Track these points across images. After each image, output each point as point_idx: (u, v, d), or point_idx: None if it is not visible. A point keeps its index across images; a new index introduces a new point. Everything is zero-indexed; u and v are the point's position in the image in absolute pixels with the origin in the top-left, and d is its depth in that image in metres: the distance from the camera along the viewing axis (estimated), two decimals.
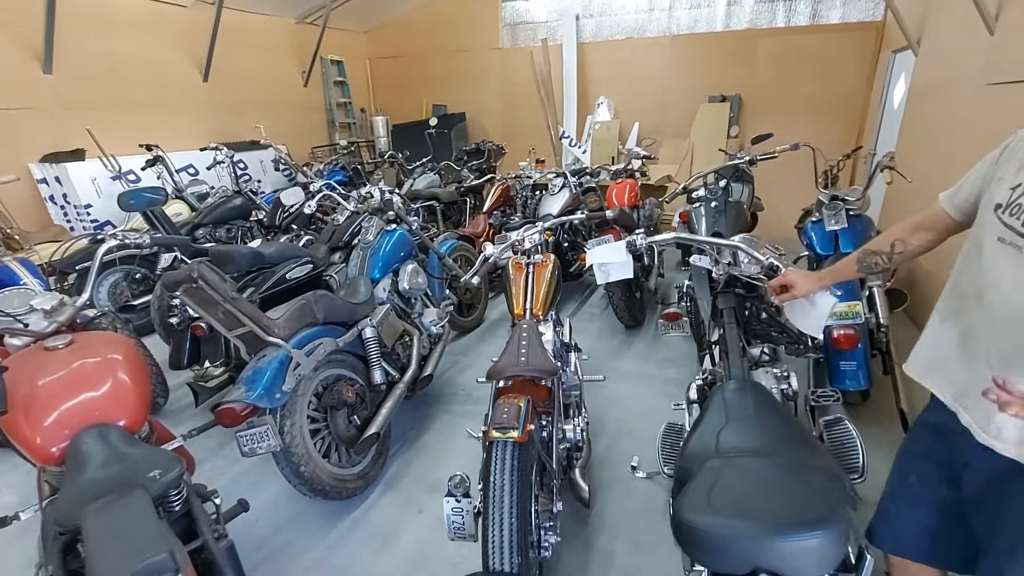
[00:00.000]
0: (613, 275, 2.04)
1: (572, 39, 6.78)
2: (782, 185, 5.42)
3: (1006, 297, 1.05)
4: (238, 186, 4.75)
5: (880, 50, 5.65)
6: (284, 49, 6.89)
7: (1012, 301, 1.04)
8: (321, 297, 2.20)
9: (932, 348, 1.26)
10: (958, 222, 1.26)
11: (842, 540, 0.95)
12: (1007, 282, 1.06)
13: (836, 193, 3.25)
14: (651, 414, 2.75)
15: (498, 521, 1.39)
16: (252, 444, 1.88)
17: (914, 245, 1.35)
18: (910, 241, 1.35)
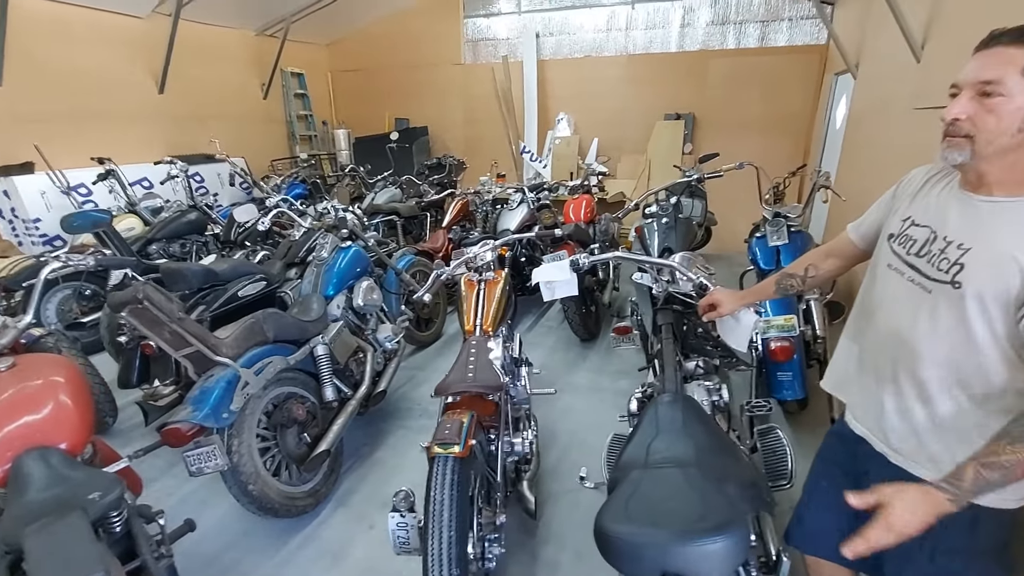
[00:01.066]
0: (558, 292, 2.11)
1: (532, 56, 6.95)
2: (735, 200, 5.66)
3: (888, 318, 1.17)
4: (193, 200, 4.67)
5: (824, 72, 5.99)
6: (243, 61, 6.82)
7: (893, 322, 1.15)
8: (271, 315, 2.21)
9: (839, 364, 1.38)
10: (862, 250, 1.38)
11: (743, 544, 1.03)
12: (889, 304, 1.17)
13: (778, 210, 3.44)
14: (602, 425, 2.83)
15: (437, 535, 1.44)
16: (199, 464, 1.88)
17: (824, 270, 1.48)
18: (821, 266, 1.48)
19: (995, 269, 0.97)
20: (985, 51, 0.96)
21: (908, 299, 1.11)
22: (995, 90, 0.93)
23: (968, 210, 1.04)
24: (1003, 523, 1.08)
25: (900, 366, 1.13)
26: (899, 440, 1.16)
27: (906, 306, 1.12)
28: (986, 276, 0.98)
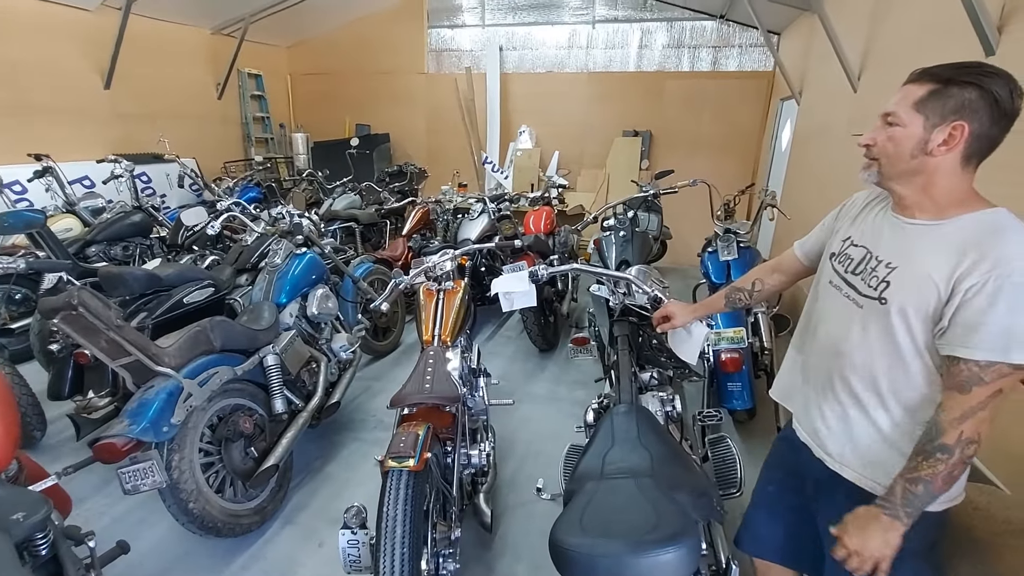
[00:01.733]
0: (517, 303, 2.12)
1: (496, 69, 7.02)
2: (690, 216, 5.86)
3: (828, 332, 1.25)
4: (138, 201, 4.44)
5: (771, 97, 6.32)
6: (198, 59, 6.57)
7: (831, 335, 1.23)
8: (219, 323, 2.12)
9: (786, 374, 1.44)
10: (806, 267, 1.46)
11: (694, 553, 1.05)
12: (829, 318, 1.25)
13: (728, 226, 3.59)
14: (559, 436, 2.85)
15: (390, 552, 1.40)
16: (135, 481, 1.77)
17: (770, 284, 1.56)
18: (767, 281, 1.56)
19: (915, 286, 1.04)
20: (902, 86, 1.08)
21: (844, 313, 1.19)
22: (894, 120, 1.05)
23: (896, 232, 1.12)
24: (931, 524, 1.14)
25: (836, 376, 1.20)
26: (836, 447, 1.22)
27: (842, 320, 1.19)
28: (908, 293, 1.05)
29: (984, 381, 0.96)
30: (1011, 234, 0.97)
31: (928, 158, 1.03)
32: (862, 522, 1.06)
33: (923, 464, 1.01)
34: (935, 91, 1.01)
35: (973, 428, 0.98)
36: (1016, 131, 1.03)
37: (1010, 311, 0.93)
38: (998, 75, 0.99)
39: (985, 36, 2.13)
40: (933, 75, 1.02)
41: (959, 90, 0.99)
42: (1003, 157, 1.11)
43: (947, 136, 1.00)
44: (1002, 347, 0.94)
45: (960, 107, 0.99)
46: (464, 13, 7.16)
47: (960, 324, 0.98)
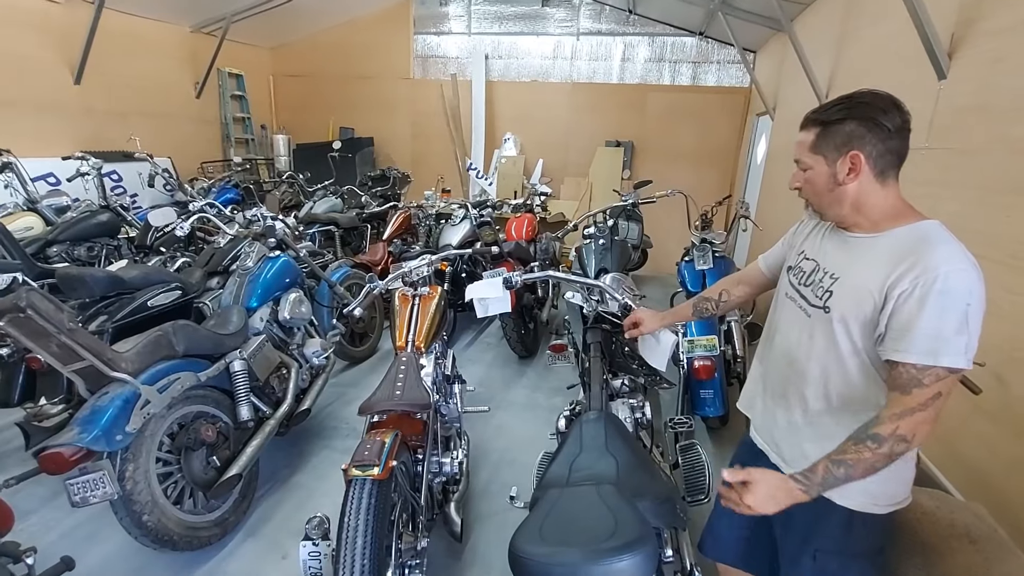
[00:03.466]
0: (492, 309, 2.10)
1: (481, 77, 7.03)
2: (671, 225, 5.93)
3: (783, 341, 1.29)
4: (106, 200, 4.31)
5: (747, 113, 6.45)
6: (175, 57, 6.45)
7: (787, 345, 1.28)
8: (182, 327, 2.05)
9: (750, 383, 1.49)
10: (768, 279, 1.52)
11: (651, 561, 1.04)
12: (784, 328, 1.30)
13: (705, 236, 3.63)
14: (535, 443, 2.82)
15: (350, 563, 1.36)
16: (84, 492, 1.69)
17: (736, 295, 1.60)
18: (733, 292, 1.60)
19: (854, 296, 1.11)
20: (797, 135, 1.18)
21: (796, 323, 1.25)
22: (803, 167, 1.17)
23: (840, 245, 1.19)
24: (876, 528, 1.17)
25: (789, 384, 1.26)
26: (789, 451, 1.27)
27: (794, 329, 1.25)
28: (847, 302, 1.12)
29: (923, 383, 1.00)
30: (938, 244, 1.02)
31: (844, 187, 1.11)
32: (772, 489, 1.05)
33: (851, 448, 1.04)
34: (820, 133, 1.11)
35: (909, 427, 1.00)
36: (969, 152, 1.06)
37: (936, 317, 0.98)
38: (864, 103, 1.08)
39: (937, 62, 2.24)
40: (813, 120, 1.14)
41: (838, 126, 1.09)
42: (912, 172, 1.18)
43: (849, 166, 1.09)
44: (932, 351, 0.98)
45: (847, 139, 1.08)
46: (450, 21, 7.18)
47: (894, 328, 1.04)
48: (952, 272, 0.98)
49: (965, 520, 1.34)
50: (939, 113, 2.29)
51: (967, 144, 2.11)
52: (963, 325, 0.97)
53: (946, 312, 0.97)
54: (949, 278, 0.97)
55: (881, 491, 1.15)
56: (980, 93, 2.05)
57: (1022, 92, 1.83)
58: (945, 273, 0.97)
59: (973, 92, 2.10)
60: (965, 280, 0.98)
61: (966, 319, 0.97)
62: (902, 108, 1.08)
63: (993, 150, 1.95)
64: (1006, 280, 1.75)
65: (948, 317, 0.97)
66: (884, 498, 1.16)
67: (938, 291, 0.98)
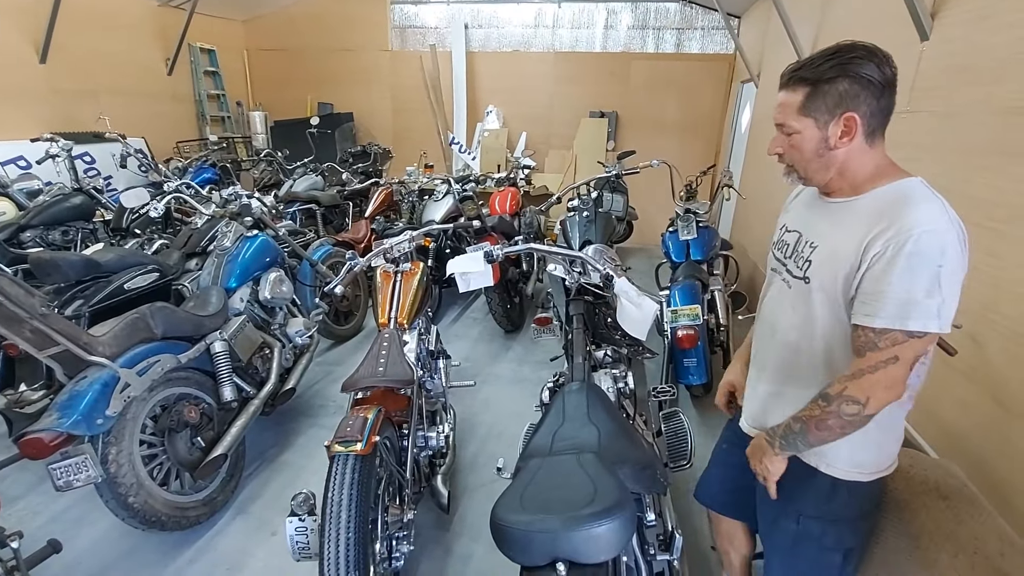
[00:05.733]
0: (473, 283, 2.09)
1: (461, 47, 6.85)
2: (657, 196, 5.89)
3: (768, 314, 1.29)
4: (78, 183, 4.19)
5: (732, 80, 6.36)
6: (144, 32, 6.19)
7: (771, 318, 1.27)
8: (159, 310, 2.02)
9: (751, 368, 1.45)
10: None
11: (629, 525, 1.06)
12: (770, 303, 1.29)
13: (688, 206, 3.62)
14: (522, 415, 2.84)
15: (335, 537, 1.38)
16: (67, 476, 1.69)
17: None
18: None
19: (831, 262, 1.07)
20: (779, 94, 1.10)
21: (779, 296, 1.23)
22: (788, 130, 1.09)
23: (821, 212, 1.16)
24: (859, 495, 1.18)
25: (774, 356, 1.25)
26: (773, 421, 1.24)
27: (778, 303, 1.24)
28: (826, 269, 1.08)
29: (877, 346, 0.99)
30: (915, 202, 0.98)
31: (834, 152, 1.05)
32: (753, 448, 1.23)
33: (807, 407, 1.08)
34: (810, 93, 1.03)
35: (859, 389, 1.00)
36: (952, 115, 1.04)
37: (905, 279, 0.94)
38: (856, 57, 1.00)
39: (920, 22, 2.21)
40: (801, 79, 1.04)
41: (830, 85, 1.01)
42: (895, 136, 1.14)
43: (842, 128, 1.03)
44: (899, 315, 0.96)
45: (841, 99, 1.01)
46: None
47: (864, 292, 1.01)
48: (925, 233, 0.93)
49: (937, 477, 1.37)
50: (921, 75, 2.25)
51: (949, 106, 2.08)
52: (934, 287, 0.93)
53: (915, 274, 0.94)
54: (920, 239, 0.93)
55: (865, 459, 1.15)
56: (963, 54, 2.02)
57: (1006, 51, 1.79)
58: (918, 234, 0.93)
59: (956, 53, 2.07)
60: (937, 241, 0.93)
61: (938, 281, 0.93)
62: (891, 61, 1.02)
63: (975, 112, 1.92)
64: (983, 242, 1.75)
65: (917, 280, 0.94)
66: (869, 466, 1.16)
67: (908, 252, 0.94)
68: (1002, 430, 1.65)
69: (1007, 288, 1.66)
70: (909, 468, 1.42)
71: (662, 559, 1.47)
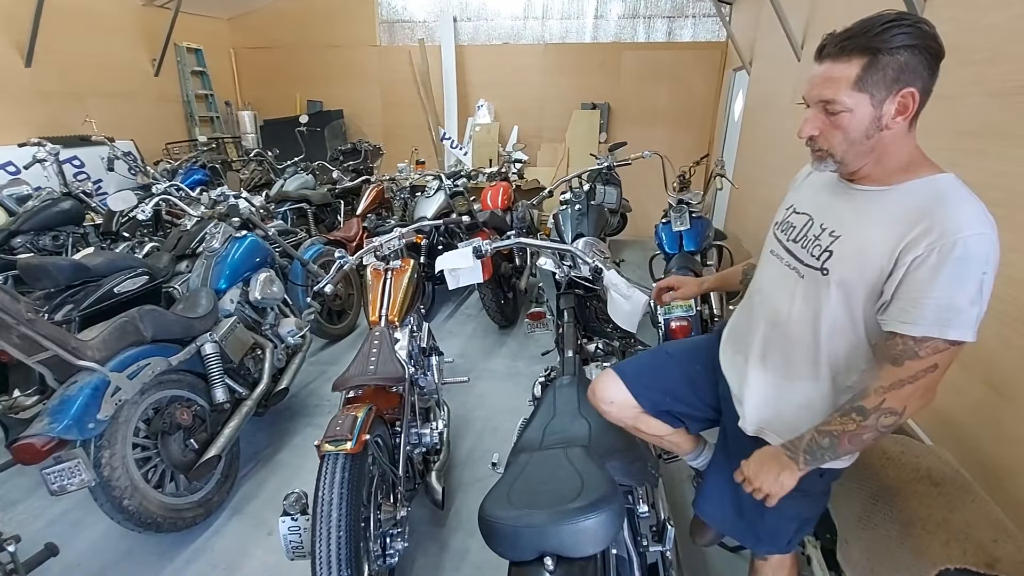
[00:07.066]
0: (463, 280, 2.09)
1: (450, 41, 6.81)
2: (649, 187, 5.88)
3: (764, 301, 1.21)
4: (68, 187, 4.17)
5: (724, 68, 6.34)
6: (129, 33, 6.14)
7: (769, 305, 1.19)
8: (148, 312, 2.02)
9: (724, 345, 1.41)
10: None
11: (615, 519, 1.06)
12: (768, 289, 1.21)
13: (681, 197, 3.61)
14: (517, 410, 2.82)
15: (326, 536, 1.38)
16: (61, 481, 1.69)
17: None
18: None
19: (858, 258, 0.99)
20: (820, 65, 0.99)
21: (783, 283, 1.14)
22: (835, 108, 0.96)
23: (842, 198, 1.07)
24: (830, 476, 1.19)
25: (771, 346, 1.18)
26: (757, 413, 1.22)
27: (781, 290, 1.14)
28: (851, 264, 1.00)
29: (918, 355, 0.94)
30: (956, 203, 0.92)
31: (884, 132, 0.96)
32: (764, 456, 1.10)
33: (836, 419, 1.01)
34: (868, 64, 0.92)
35: (899, 400, 0.96)
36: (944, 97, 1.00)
37: (950, 286, 0.90)
38: (920, 28, 0.92)
39: (912, 4, 2.19)
40: (860, 47, 0.92)
41: (891, 57, 0.91)
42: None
43: (898, 106, 0.94)
44: (940, 322, 0.91)
45: (901, 72, 0.92)
46: None
47: (903, 297, 0.94)
48: (972, 237, 0.88)
49: (929, 464, 1.38)
50: None
51: (941, 89, 2.06)
52: (978, 295, 0.90)
53: (962, 281, 0.89)
54: (968, 243, 0.88)
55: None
56: (955, 35, 1.98)
57: (998, 31, 1.77)
58: (965, 238, 0.88)
59: (948, 34, 2.04)
60: (985, 246, 0.89)
61: (980, 288, 0.90)
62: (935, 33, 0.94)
63: (968, 94, 1.90)
64: None
65: (964, 286, 0.89)
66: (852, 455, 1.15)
67: (957, 258, 0.88)
68: (995, 414, 1.66)
69: (1001, 271, 1.63)
70: (901, 455, 1.42)
71: (655, 550, 1.48)
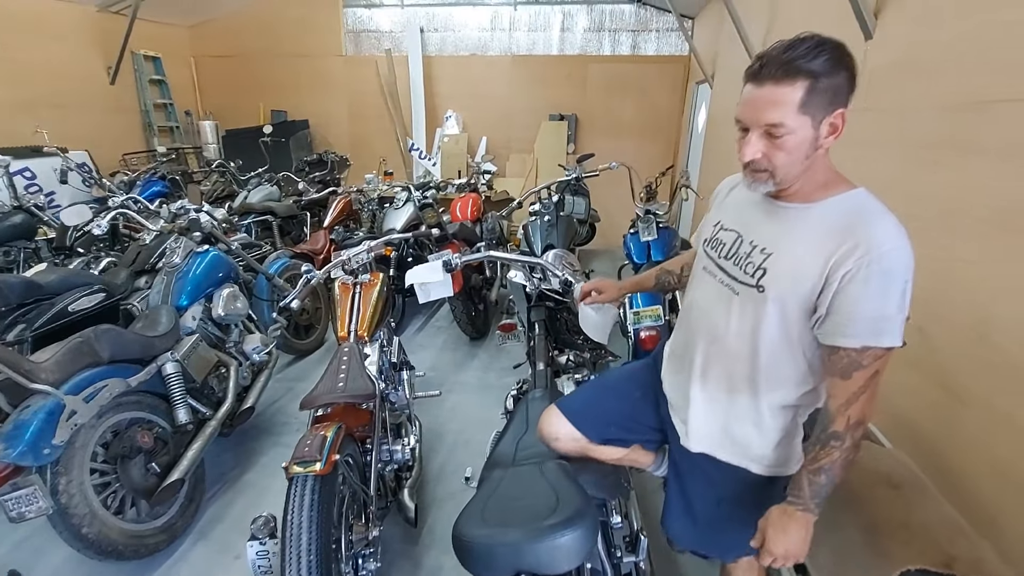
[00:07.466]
0: (434, 294, 2.09)
1: (417, 51, 6.82)
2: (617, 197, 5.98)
3: (701, 317, 1.23)
4: (18, 200, 3.98)
5: (687, 81, 6.54)
6: (82, 40, 5.92)
7: (706, 323, 1.21)
8: (105, 332, 1.94)
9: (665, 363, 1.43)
10: None
11: (590, 534, 1.06)
12: (703, 305, 1.23)
13: (648, 208, 3.70)
14: (489, 423, 2.82)
15: (295, 561, 1.35)
16: (19, 508, 1.63)
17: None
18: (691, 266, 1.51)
19: (792, 275, 1.03)
20: (759, 88, 0.99)
21: (718, 300, 1.17)
22: (781, 132, 0.97)
23: (770, 216, 1.10)
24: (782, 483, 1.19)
25: (711, 363, 1.20)
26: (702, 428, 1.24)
27: (717, 307, 1.17)
28: (785, 281, 1.04)
29: (862, 365, 0.99)
30: (875, 219, 0.98)
31: (818, 152, 1.01)
32: (782, 524, 1.05)
33: (821, 453, 1.03)
34: (810, 87, 0.94)
35: (858, 411, 1.01)
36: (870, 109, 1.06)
37: (880, 297, 0.95)
38: (846, 51, 0.96)
39: (864, 21, 2.29)
40: (799, 70, 0.94)
41: (829, 80, 0.94)
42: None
43: (830, 127, 0.98)
44: (875, 332, 0.96)
45: (836, 94, 0.96)
46: None
47: (838, 312, 0.99)
48: (893, 250, 0.95)
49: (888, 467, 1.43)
50: (866, 73, 2.28)
51: (895, 104, 2.12)
52: (902, 302, 0.96)
53: (889, 292, 0.95)
54: (891, 257, 0.94)
55: (792, 454, 1.17)
56: (906, 51, 2.07)
57: (947, 47, 1.83)
58: (887, 251, 0.94)
59: (899, 50, 2.12)
60: (904, 257, 0.96)
61: (904, 296, 0.96)
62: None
63: (920, 108, 1.95)
64: (931, 237, 1.78)
65: (891, 296, 0.95)
66: (795, 460, 1.18)
67: (882, 271, 0.94)
68: (949, 418, 1.71)
69: (954, 281, 1.72)
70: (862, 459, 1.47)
71: (628, 561, 1.48)
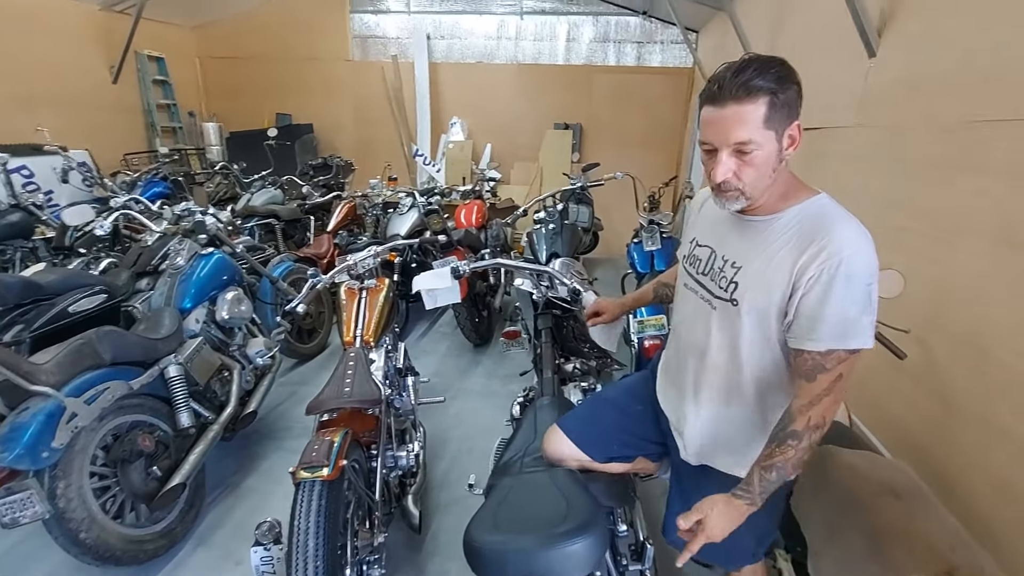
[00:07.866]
0: (441, 300, 2.08)
1: (424, 58, 6.85)
2: (621, 207, 6.00)
3: (687, 333, 1.27)
4: (16, 198, 3.96)
5: (692, 93, 6.58)
6: (85, 39, 5.92)
7: (692, 337, 1.24)
8: (107, 334, 1.92)
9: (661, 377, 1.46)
10: None
11: (601, 542, 1.07)
12: (687, 321, 1.27)
13: (652, 217, 3.70)
14: (493, 430, 2.81)
15: (302, 567, 1.33)
16: (12, 513, 1.59)
17: None
18: None
19: (762, 285, 1.06)
20: (722, 109, 1.00)
21: (700, 315, 1.20)
22: (750, 148, 1.00)
23: (738, 230, 1.14)
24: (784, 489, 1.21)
25: (700, 376, 1.23)
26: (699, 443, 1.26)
27: (699, 322, 1.20)
28: (756, 292, 1.07)
29: (826, 368, 1.00)
30: (837, 224, 1.00)
31: (781, 165, 1.05)
32: (727, 512, 1.06)
33: (776, 451, 1.05)
34: (771, 103, 0.98)
35: (819, 414, 1.02)
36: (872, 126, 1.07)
37: (843, 301, 0.97)
38: (788, 64, 1.01)
39: (867, 39, 2.31)
40: (761, 88, 0.97)
41: (785, 94, 0.98)
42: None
43: (789, 139, 1.02)
44: (839, 335, 0.98)
45: (791, 108, 1.00)
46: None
47: (803, 316, 1.02)
48: (855, 254, 0.97)
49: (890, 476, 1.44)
50: (868, 91, 2.32)
51: (895, 121, 2.14)
52: (867, 305, 0.98)
53: (852, 295, 0.97)
54: (852, 261, 0.97)
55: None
56: (908, 70, 2.09)
57: (947, 69, 1.86)
58: (848, 256, 0.97)
59: (901, 69, 2.14)
60: (866, 261, 0.98)
61: (869, 299, 0.98)
62: None
63: (921, 127, 1.98)
64: (929, 250, 1.81)
65: (854, 300, 0.97)
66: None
67: (844, 275, 0.96)
68: (948, 429, 1.73)
69: (952, 294, 1.74)
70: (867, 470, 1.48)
71: (634, 569, 1.49)
